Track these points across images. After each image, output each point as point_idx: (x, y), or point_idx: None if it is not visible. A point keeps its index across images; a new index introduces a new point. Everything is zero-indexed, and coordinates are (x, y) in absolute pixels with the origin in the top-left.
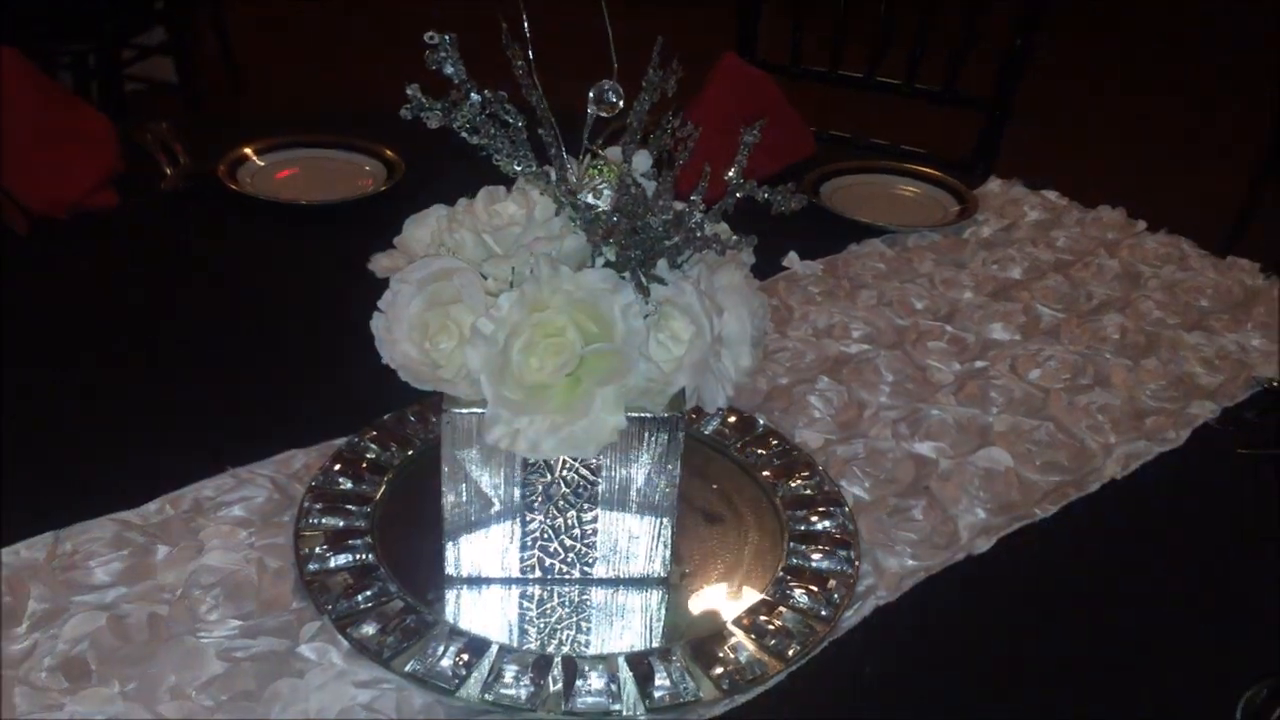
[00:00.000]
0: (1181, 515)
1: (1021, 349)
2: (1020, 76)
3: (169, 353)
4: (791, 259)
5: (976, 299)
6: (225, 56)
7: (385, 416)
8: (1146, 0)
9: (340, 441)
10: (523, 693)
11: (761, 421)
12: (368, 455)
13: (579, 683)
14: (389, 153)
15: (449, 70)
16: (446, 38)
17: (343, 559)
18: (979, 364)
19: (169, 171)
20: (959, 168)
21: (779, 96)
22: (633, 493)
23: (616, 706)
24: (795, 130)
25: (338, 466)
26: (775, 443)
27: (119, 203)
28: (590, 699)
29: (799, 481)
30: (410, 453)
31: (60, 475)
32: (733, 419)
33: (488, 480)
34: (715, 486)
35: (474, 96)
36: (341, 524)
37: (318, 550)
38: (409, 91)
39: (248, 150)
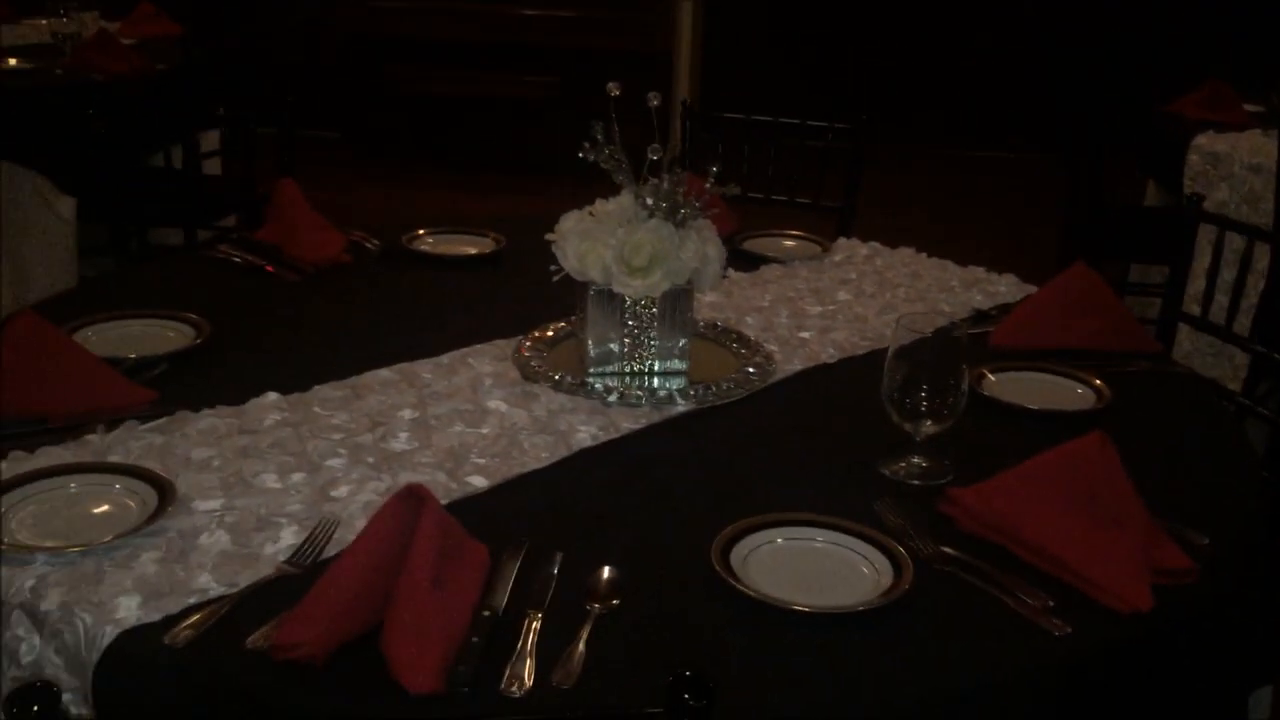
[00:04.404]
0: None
1: (855, 301)
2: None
3: (402, 309)
4: (730, 273)
5: (829, 285)
6: None
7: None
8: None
9: (521, 336)
10: (626, 396)
11: (720, 324)
12: (547, 332)
13: (654, 388)
14: (493, 234)
15: (599, 138)
16: (601, 125)
17: (542, 368)
18: (831, 308)
19: (368, 245)
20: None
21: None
22: (673, 331)
23: (670, 399)
24: (726, 215)
25: (529, 340)
26: (732, 332)
27: (351, 260)
28: (657, 397)
29: (741, 341)
30: (562, 334)
31: (399, 349)
32: (713, 324)
33: (609, 331)
34: (705, 343)
35: (605, 150)
36: (534, 361)
37: (528, 366)
38: (594, 135)
39: (421, 230)
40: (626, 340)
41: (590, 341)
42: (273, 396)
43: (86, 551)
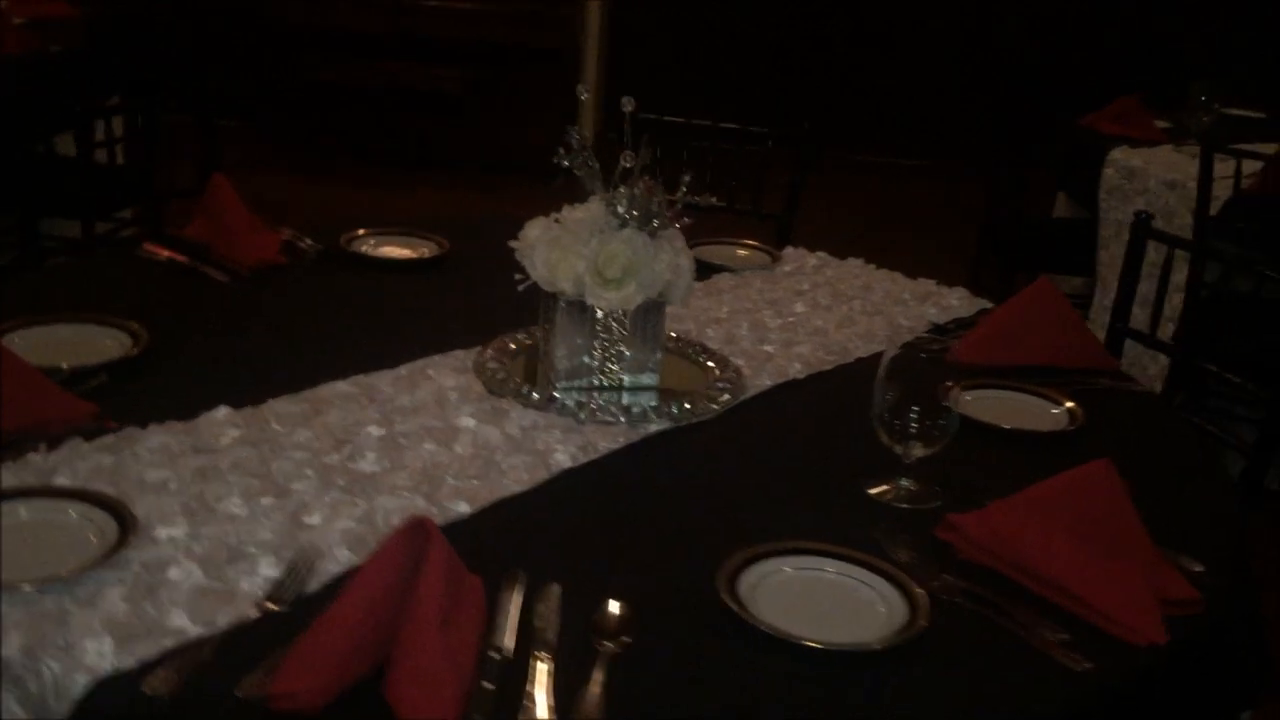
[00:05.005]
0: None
1: (813, 314)
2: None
3: (350, 316)
4: None
5: (785, 296)
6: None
7: (502, 335)
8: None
9: (479, 346)
10: (600, 413)
11: (680, 336)
12: (508, 344)
13: (625, 401)
14: (440, 238)
15: (574, 142)
16: (577, 133)
17: (502, 383)
18: (790, 320)
19: (304, 246)
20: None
21: None
22: (645, 345)
23: (645, 416)
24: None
25: (490, 351)
26: (696, 344)
27: (287, 261)
28: (631, 414)
29: (708, 355)
30: (523, 345)
31: (347, 364)
32: (674, 337)
33: (579, 343)
34: (670, 356)
35: (579, 156)
36: (499, 374)
37: (494, 380)
38: (569, 140)
39: (361, 230)
40: (597, 354)
41: (560, 355)
42: (224, 411)
43: (45, 588)
